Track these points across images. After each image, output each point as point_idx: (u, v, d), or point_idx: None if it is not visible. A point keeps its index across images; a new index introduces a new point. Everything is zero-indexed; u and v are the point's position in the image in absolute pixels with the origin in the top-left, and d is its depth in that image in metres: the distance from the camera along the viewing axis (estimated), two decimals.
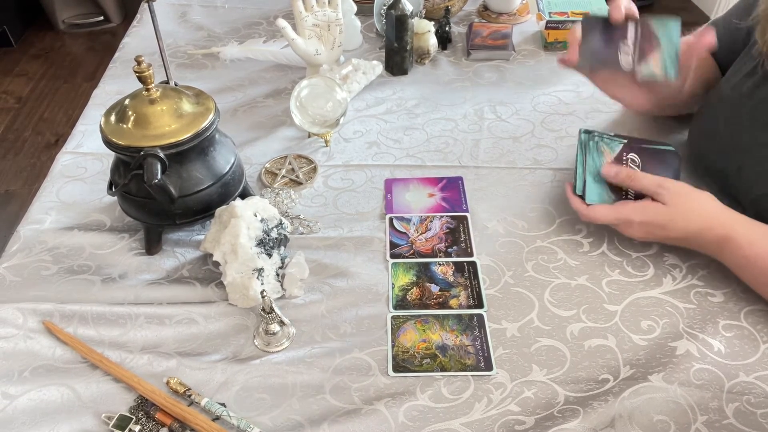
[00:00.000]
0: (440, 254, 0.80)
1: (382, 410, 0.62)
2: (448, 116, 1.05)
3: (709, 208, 0.71)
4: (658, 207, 0.71)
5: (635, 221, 0.72)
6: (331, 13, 1.05)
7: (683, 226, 0.71)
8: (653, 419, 0.61)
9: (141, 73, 0.72)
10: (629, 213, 0.73)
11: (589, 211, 0.76)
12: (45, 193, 0.90)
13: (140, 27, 1.34)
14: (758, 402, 0.62)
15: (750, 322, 0.70)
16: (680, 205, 0.71)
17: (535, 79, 1.14)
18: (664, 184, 0.72)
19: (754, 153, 0.75)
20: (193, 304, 0.73)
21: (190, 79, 1.15)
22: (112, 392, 0.65)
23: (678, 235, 0.72)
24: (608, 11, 0.79)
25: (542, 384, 0.65)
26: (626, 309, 0.72)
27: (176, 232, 0.83)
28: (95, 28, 3.02)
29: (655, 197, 0.72)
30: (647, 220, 0.72)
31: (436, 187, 0.90)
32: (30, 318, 0.71)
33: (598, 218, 0.75)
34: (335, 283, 0.76)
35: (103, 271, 0.78)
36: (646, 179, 0.74)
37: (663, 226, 0.71)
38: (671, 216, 0.71)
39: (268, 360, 0.68)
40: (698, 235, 0.71)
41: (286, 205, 0.87)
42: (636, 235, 0.74)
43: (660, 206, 0.71)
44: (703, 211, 0.71)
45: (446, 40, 1.23)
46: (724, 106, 0.80)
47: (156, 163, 0.70)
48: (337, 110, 0.96)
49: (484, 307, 0.73)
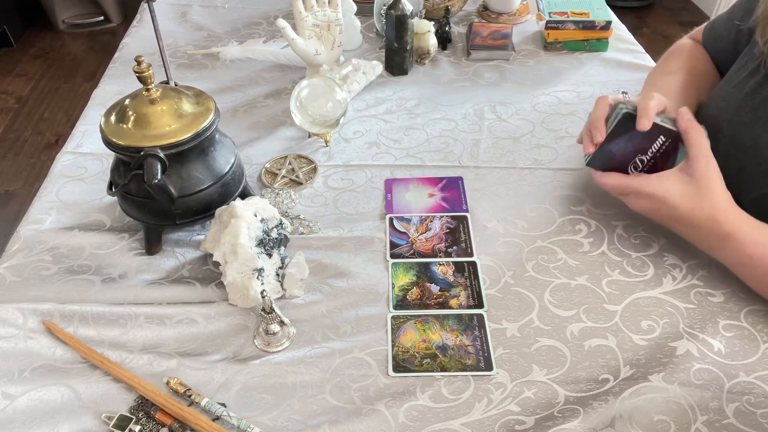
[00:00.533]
0: (440, 254, 0.80)
1: (382, 410, 0.62)
2: (448, 116, 1.05)
3: (723, 201, 0.70)
4: (676, 182, 0.70)
5: (644, 192, 0.71)
6: (331, 13, 1.05)
7: (694, 208, 0.69)
8: (653, 419, 0.61)
9: (141, 73, 0.72)
10: (642, 183, 0.71)
11: (601, 177, 0.75)
12: (45, 193, 0.90)
13: (140, 27, 1.34)
14: (758, 402, 0.62)
15: (750, 322, 0.70)
16: (704, 184, 0.69)
17: (535, 79, 1.14)
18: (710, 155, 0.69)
19: (756, 153, 0.75)
20: (193, 304, 0.73)
21: (190, 79, 1.15)
22: (112, 392, 0.65)
23: (684, 217, 0.70)
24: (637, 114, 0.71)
25: (542, 384, 0.65)
26: (626, 309, 0.72)
27: (176, 232, 0.83)
28: (95, 28, 3.03)
29: (693, 161, 0.69)
30: (660, 194, 0.70)
31: (436, 187, 0.90)
32: (30, 318, 0.71)
33: (608, 185, 0.75)
34: (335, 283, 0.76)
35: (103, 271, 0.78)
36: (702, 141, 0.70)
37: (673, 205, 0.69)
38: (688, 192, 0.69)
39: (269, 360, 0.68)
40: (704, 225, 0.69)
41: (286, 205, 0.87)
42: (643, 206, 0.73)
43: (678, 182, 0.69)
44: (717, 202, 0.69)
45: (446, 40, 1.23)
46: (725, 106, 0.80)
47: (156, 163, 0.70)
48: (337, 110, 0.96)
49: (484, 307, 0.73)
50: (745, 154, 0.76)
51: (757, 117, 0.75)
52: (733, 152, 0.78)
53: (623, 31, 1.29)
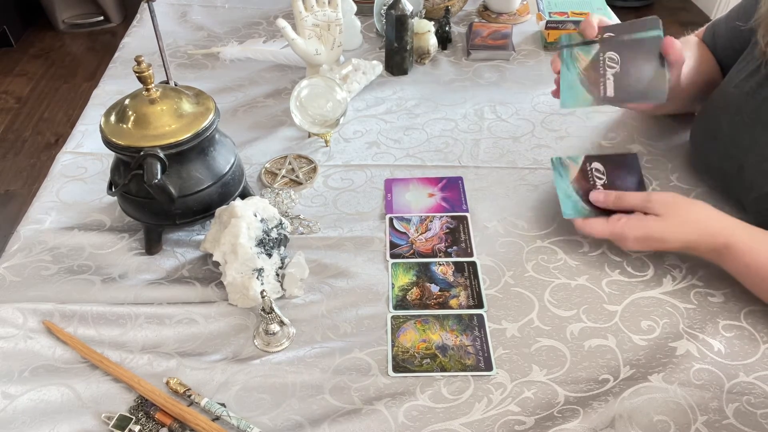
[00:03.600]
0: (440, 254, 0.80)
1: (382, 410, 0.62)
2: (448, 116, 1.05)
3: (706, 216, 0.70)
4: (652, 220, 0.70)
5: (630, 237, 0.71)
6: (331, 13, 1.05)
7: (680, 236, 0.70)
8: (653, 419, 0.61)
9: (141, 73, 0.72)
10: (623, 228, 0.72)
11: (585, 225, 0.75)
12: (45, 193, 0.90)
13: (140, 27, 1.34)
14: (758, 402, 0.62)
15: (750, 322, 0.70)
16: (673, 214, 0.70)
17: (535, 79, 1.14)
18: (651, 198, 0.71)
19: (756, 152, 0.75)
20: (193, 304, 0.73)
21: (190, 79, 1.15)
22: (112, 392, 0.65)
23: (677, 245, 0.71)
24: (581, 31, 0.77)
25: (542, 384, 0.65)
26: (626, 309, 0.72)
27: (176, 232, 0.83)
28: (95, 28, 3.03)
29: (647, 212, 0.71)
30: (643, 234, 0.71)
31: (436, 187, 0.90)
32: (30, 318, 0.71)
33: (594, 233, 0.75)
34: (335, 283, 0.76)
35: (103, 271, 0.78)
36: (632, 197, 0.73)
37: (660, 239, 0.70)
38: (667, 227, 0.70)
39: (268, 360, 0.68)
40: (697, 244, 0.70)
41: (286, 205, 0.87)
42: (634, 248, 0.73)
43: (654, 219, 0.70)
44: (699, 220, 0.70)
45: (446, 40, 1.23)
46: (726, 106, 0.80)
47: (156, 163, 0.70)
48: (337, 110, 0.96)
49: (484, 307, 0.73)
50: (745, 154, 0.76)
51: (757, 117, 0.75)
52: (733, 152, 0.78)
53: None
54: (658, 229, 0.70)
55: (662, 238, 0.70)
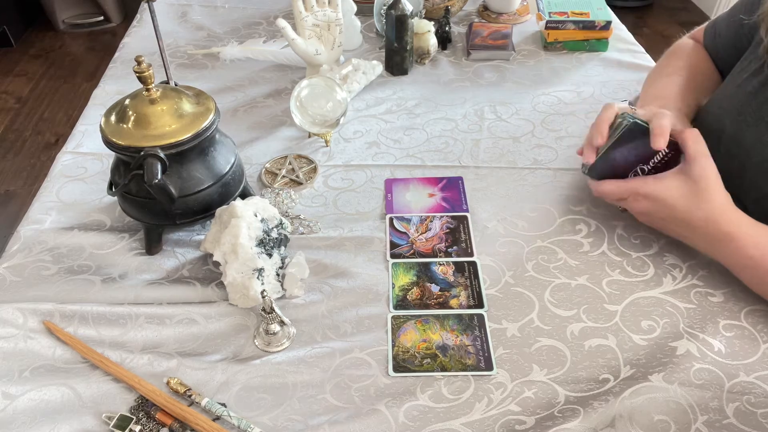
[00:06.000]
0: (440, 254, 0.80)
1: (383, 410, 0.62)
2: (448, 116, 1.05)
3: (722, 202, 0.69)
4: (673, 182, 0.70)
5: (641, 192, 0.71)
6: (331, 13, 1.05)
7: (691, 208, 0.69)
8: (653, 419, 0.61)
9: (141, 73, 0.72)
10: (639, 185, 0.72)
11: (598, 186, 0.76)
12: (45, 193, 0.90)
13: (140, 27, 1.34)
14: (758, 402, 0.62)
15: (750, 322, 0.70)
16: (702, 184, 0.69)
17: (535, 79, 1.15)
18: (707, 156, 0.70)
19: (758, 152, 0.75)
20: (194, 304, 0.73)
21: (190, 79, 1.15)
22: (113, 392, 0.65)
23: (682, 217, 0.70)
24: (651, 132, 0.70)
25: (542, 384, 0.65)
26: (626, 309, 0.72)
27: (176, 232, 0.83)
28: (95, 28, 3.03)
29: (691, 162, 0.69)
30: (657, 194, 0.70)
31: (436, 187, 0.90)
32: (30, 318, 0.71)
33: (606, 192, 0.75)
34: (335, 283, 0.76)
35: (103, 271, 0.78)
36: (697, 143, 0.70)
37: (671, 205, 0.70)
38: (686, 192, 0.69)
39: (269, 360, 0.68)
40: (702, 225, 0.69)
41: (286, 205, 0.87)
42: (642, 208, 0.73)
43: (676, 181, 0.70)
44: (715, 202, 0.69)
45: (446, 40, 1.23)
46: (728, 106, 0.80)
47: (156, 163, 0.70)
48: (337, 110, 0.96)
49: (485, 307, 0.73)
50: (747, 154, 0.76)
51: (760, 117, 0.75)
52: (735, 152, 0.78)
53: (623, 31, 1.29)
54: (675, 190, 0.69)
55: (673, 204, 0.70)
